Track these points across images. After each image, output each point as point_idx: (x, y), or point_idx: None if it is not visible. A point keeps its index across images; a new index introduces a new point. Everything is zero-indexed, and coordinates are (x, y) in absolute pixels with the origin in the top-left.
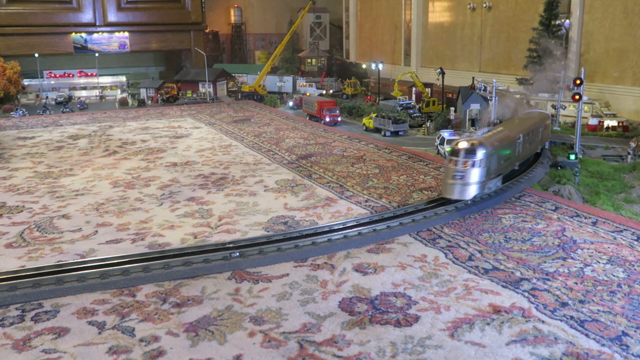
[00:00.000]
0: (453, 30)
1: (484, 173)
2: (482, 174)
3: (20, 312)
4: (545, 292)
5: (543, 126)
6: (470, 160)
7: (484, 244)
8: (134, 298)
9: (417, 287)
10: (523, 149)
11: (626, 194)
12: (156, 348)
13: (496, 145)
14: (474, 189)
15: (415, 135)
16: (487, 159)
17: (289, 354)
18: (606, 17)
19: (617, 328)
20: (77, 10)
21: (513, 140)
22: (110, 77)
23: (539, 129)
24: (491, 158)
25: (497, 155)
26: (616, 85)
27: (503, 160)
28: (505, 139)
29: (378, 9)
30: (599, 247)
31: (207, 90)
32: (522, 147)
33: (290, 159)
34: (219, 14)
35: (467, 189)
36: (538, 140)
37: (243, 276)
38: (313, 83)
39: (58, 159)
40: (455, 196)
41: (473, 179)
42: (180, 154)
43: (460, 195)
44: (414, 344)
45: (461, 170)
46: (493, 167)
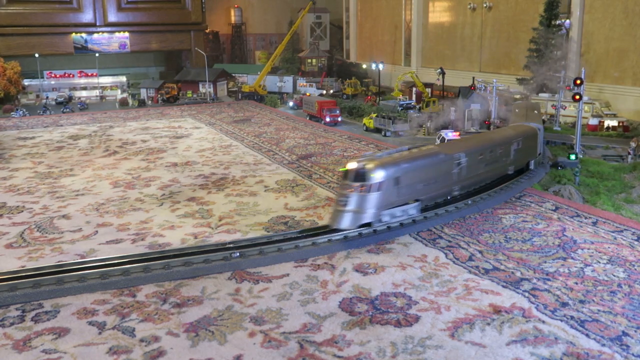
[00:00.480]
0: (453, 30)
1: (374, 200)
2: (372, 202)
3: (20, 312)
4: (546, 292)
5: (519, 143)
6: (357, 185)
7: (484, 244)
8: (134, 298)
9: (418, 287)
10: (471, 170)
11: (626, 194)
12: (156, 348)
13: (403, 167)
14: (359, 218)
15: (415, 135)
16: (384, 183)
17: (289, 354)
18: (606, 17)
19: (618, 328)
20: (77, 11)
21: (439, 161)
22: (110, 77)
23: (512, 147)
24: (392, 183)
25: (406, 179)
26: (616, 85)
27: (420, 185)
28: (422, 158)
29: (378, 9)
30: (599, 247)
31: (207, 90)
32: (470, 169)
33: (291, 159)
34: (219, 14)
35: (349, 217)
36: (511, 160)
37: (243, 276)
38: (313, 83)
39: (58, 159)
40: (335, 224)
41: (358, 206)
42: (181, 154)
43: (340, 223)
44: (414, 344)
45: (346, 195)
46: (397, 193)
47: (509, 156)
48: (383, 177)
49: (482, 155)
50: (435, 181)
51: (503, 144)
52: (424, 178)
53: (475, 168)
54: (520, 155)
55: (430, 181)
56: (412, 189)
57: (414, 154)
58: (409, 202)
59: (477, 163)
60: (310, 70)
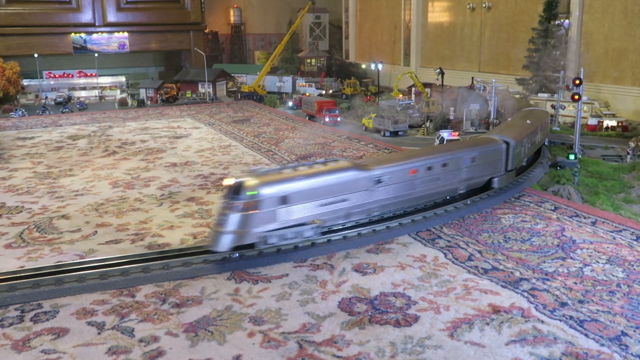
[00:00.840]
0: (452, 31)
1: (252, 221)
2: (250, 222)
3: (19, 312)
4: (545, 292)
5: (474, 158)
6: (235, 203)
7: (483, 244)
8: (133, 298)
9: (417, 287)
10: (400, 189)
11: (625, 193)
12: (156, 348)
13: (293, 185)
14: (235, 240)
15: (414, 135)
16: (264, 202)
17: (289, 354)
18: (606, 17)
19: (617, 328)
20: (77, 11)
21: (348, 178)
22: (109, 78)
23: (462, 163)
24: (277, 201)
25: (297, 197)
26: (615, 85)
27: (320, 205)
28: (323, 175)
29: (378, 9)
30: (598, 247)
31: (207, 90)
32: (398, 188)
33: (290, 159)
34: (218, 14)
35: (220, 239)
36: (462, 178)
37: (242, 276)
38: (312, 83)
39: (57, 160)
40: (212, 246)
41: (235, 226)
42: (180, 154)
43: (217, 245)
44: (413, 344)
45: (224, 214)
46: (286, 213)
47: (459, 173)
48: (263, 196)
49: (416, 173)
50: (343, 200)
51: (448, 158)
52: (327, 197)
53: (405, 186)
54: (476, 172)
55: (336, 200)
56: (307, 209)
57: (314, 171)
58: (309, 222)
59: (409, 181)
60: (310, 70)
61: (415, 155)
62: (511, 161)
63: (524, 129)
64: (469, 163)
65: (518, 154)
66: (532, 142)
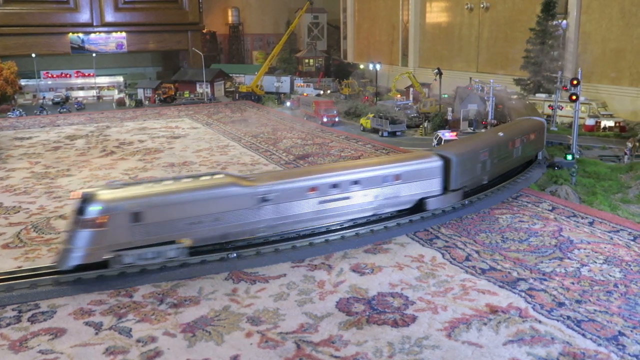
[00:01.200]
0: (451, 31)
1: (96, 238)
2: (93, 240)
3: (16, 312)
4: (542, 292)
5: (394, 177)
6: (80, 219)
7: (481, 244)
8: (131, 299)
9: (415, 287)
10: (293, 208)
11: (623, 194)
12: (153, 348)
13: (148, 201)
14: (77, 258)
15: (412, 135)
16: (112, 219)
17: (286, 354)
18: (603, 17)
19: (614, 328)
20: (74, 11)
21: (225, 195)
22: (107, 78)
23: (381, 182)
24: (128, 219)
25: (155, 215)
26: (613, 86)
27: (186, 223)
28: (191, 191)
29: (376, 10)
30: (595, 247)
31: (205, 90)
32: (290, 207)
33: (288, 159)
34: (216, 14)
35: (67, 257)
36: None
37: (240, 276)
38: (311, 83)
39: (55, 160)
40: (57, 264)
41: (77, 243)
42: (178, 154)
43: (61, 263)
44: (411, 344)
45: (69, 230)
46: (142, 231)
47: (374, 192)
48: (112, 211)
49: (316, 191)
50: (216, 219)
51: (361, 176)
52: (195, 215)
53: (302, 206)
54: (401, 191)
55: (208, 219)
56: (169, 227)
57: (180, 187)
58: (175, 241)
59: (306, 200)
60: (308, 70)
61: (319, 170)
62: (454, 180)
63: (485, 143)
64: (391, 181)
65: (466, 172)
66: (503, 157)
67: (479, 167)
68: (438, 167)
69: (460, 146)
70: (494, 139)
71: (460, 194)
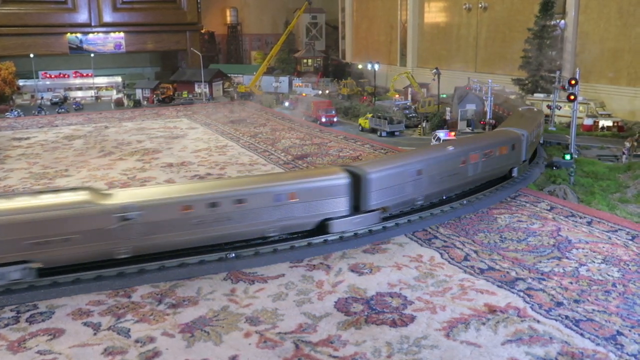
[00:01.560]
0: (449, 31)
1: None
2: None
3: (15, 313)
4: (541, 291)
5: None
6: None
7: (479, 244)
8: (129, 299)
9: (413, 287)
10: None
11: (621, 193)
12: (152, 349)
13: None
14: None
15: (411, 135)
16: None
17: (285, 354)
18: (601, 17)
19: (612, 327)
20: (73, 11)
21: (77, 214)
22: (105, 78)
23: (271, 201)
24: None
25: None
26: (611, 86)
27: (29, 243)
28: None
29: (374, 10)
30: (593, 246)
31: (203, 90)
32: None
33: (287, 159)
34: (215, 14)
35: None
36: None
37: (239, 277)
38: (309, 83)
39: (53, 160)
40: None
41: None
42: (176, 154)
43: None
44: (409, 344)
45: None
46: None
47: (268, 211)
48: None
49: (192, 210)
50: (67, 240)
51: (246, 193)
52: (39, 234)
53: (173, 226)
54: (298, 212)
55: (55, 238)
56: (9, 246)
57: (28, 204)
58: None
59: (179, 219)
60: (306, 70)
61: (196, 188)
62: (366, 199)
63: (418, 159)
64: (284, 200)
65: (386, 190)
66: (451, 175)
67: (408, 185)
68: (344, 185)
69: (378, 162)
70: (433, 154)
71: (377, 215)
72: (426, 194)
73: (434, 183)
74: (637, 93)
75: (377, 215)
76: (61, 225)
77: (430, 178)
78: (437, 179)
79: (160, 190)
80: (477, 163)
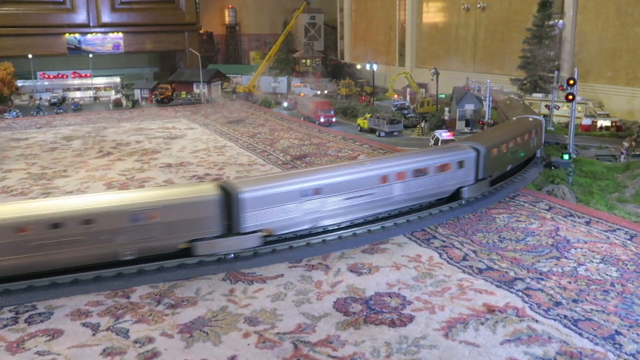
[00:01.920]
0: (447, 31)
1: None
2: None
3: (13, 314)
4: (539, 291)
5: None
6: None
7: (478, 243)
8: (128, 299)
9: (412, 287)
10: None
11: (619, 193)
12: (151, 349)
13: None
14: None
15: (409, 135)
16: None
17: (284, 354)
18: (599, 17)
19: (611, 327)
20: (71, 11)
21: None
22: (104, 78)
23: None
24: None
25: None
26: (609, 85)
27: None
28: None
29: (373, 10)
30: (592, 246)
31: (202, 91)
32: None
33: (285, 159)
34: (213, 14)
35: None
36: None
37: (237, 277)
38: (308, 84)
39: (52, 160)
40: None
41: None
42: (175, 154)
43: None
44: (408, 344)
45: None
46: None
47: (116, 234)
48: None
49: (28, 232)
50: None
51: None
52: None
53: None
54: (156, 232)
55: None
56: None
57: None
58: None
59: (14, 242)
60: (305, 70)
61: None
62: (239, 220)
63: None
64: (144, 219)
65: (267, 212)
66: (369, 194)
67: (297, 206)
68: (216, 202)
69: (259, 179)
70: (340, 170)
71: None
72: (326, 217)
73: (339, 204)
74: (636, 93)
75: (256, 237)
76: None
77: (342, 200)
78: (345, 200)
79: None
80: (406, 182)
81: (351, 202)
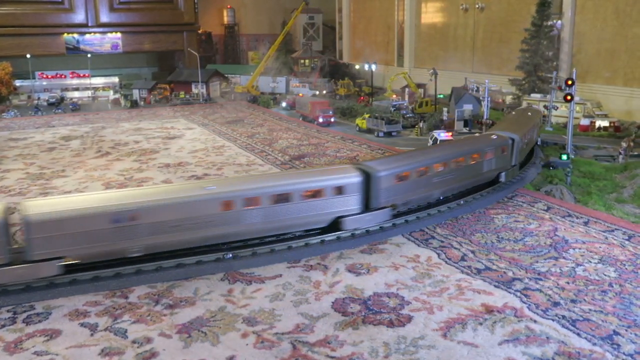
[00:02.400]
0: (446, 31)
1: None
2: None
3: (11, 314)
4: (538, 291)
5: None
6: None
7: (476, 244)
8: (126, 300)
9: (410, 287)
10: None
11: (618, 193)
12: (149, 349)
13: None
14: None
15: (408, 135)
16: None
17: (282, 354)
18: (597, 17)
19: (609, 327)
20: (69, 11)
21: None
22: (102, 78)
23: None
24: None
25: None
26: (608, 86)
27: None
28: None
29: (371, 10)
30: (590, 246)
31: (200, 91)
32: None
33: (284, 159)
34: (212, 14)
35: None
36: None
37: (236, 277)
38: (306, 84)
39: (50, 160)
40: None
41: None
42: (173, 155)
43: None
44: (406, 344)
45: None
46: None
47: None
48: None
49: None
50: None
51: None
52: None
53: None
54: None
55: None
56: None
57: None
58: None
59: None
60: (303, 70)
61: None
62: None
63: None
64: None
65: None
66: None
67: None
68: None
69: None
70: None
71: None
72: (144, 245)
73: (154, 233)
74: (634, 93)
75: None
76: None
77: (150, 226)
78: (161, 228)
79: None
80: (263, 209)
81: (170, 231)
